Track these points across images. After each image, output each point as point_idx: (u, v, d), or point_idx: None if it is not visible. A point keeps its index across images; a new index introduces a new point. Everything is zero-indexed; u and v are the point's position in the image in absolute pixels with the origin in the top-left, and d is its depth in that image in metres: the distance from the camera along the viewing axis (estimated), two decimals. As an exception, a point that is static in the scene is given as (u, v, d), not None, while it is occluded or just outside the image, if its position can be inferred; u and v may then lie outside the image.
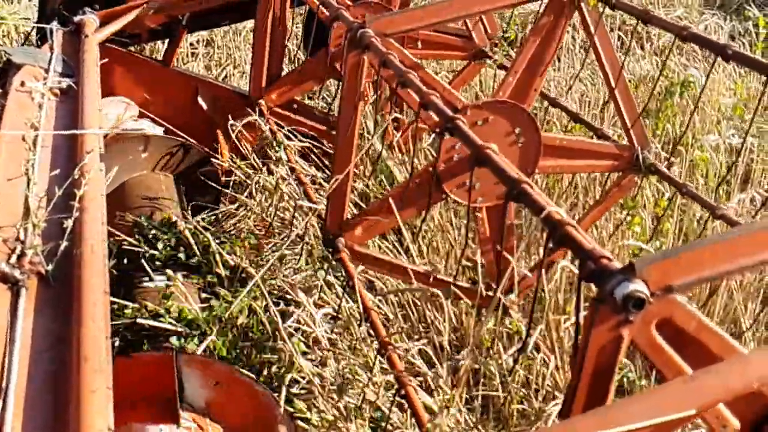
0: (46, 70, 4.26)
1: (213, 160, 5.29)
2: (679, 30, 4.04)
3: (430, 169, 4.06)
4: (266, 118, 5.41)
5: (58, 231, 2.85)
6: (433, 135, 5.03)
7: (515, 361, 3.83)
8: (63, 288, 2.68)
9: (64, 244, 2.78)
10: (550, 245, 2.45)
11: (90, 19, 5.08)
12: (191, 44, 8.50)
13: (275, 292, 4.25)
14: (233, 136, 5.26)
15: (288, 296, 4.15)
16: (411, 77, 3.71)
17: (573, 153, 4.18)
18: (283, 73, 5.74)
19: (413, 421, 3.33)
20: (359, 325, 3.88)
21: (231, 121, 5.27)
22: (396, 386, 3.26)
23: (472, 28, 5.66)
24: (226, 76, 8.06)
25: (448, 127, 3.37)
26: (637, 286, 1.99)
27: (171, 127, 5.37)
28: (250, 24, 6.83)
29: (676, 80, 6.51)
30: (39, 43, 5.24)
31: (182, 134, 5.30)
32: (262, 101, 5.53)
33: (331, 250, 4.00)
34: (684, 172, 5.84)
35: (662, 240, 4.92)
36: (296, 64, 7.41)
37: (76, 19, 5.06)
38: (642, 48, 7.97)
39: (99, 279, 2.66)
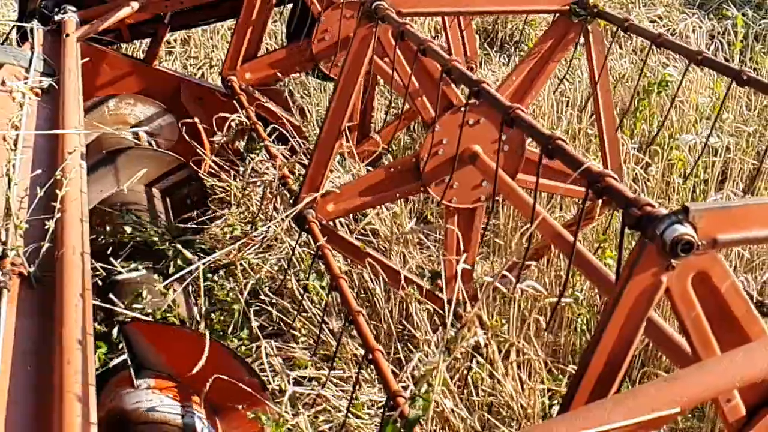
0: (27, 70, 4.26)
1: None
2: (654, 37, 4.10)
3: (413, 159, 4.08)
4: (237, 94, 5.40)
5: (39, 232, 2.85)
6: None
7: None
8: (45, 289, 2.69)
9: (46, 245, 2.78)
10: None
11: (71, 18, 5.07)
12: (168, 42, 8.45)
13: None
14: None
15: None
16: (431, 45, 3.73)
17: (553, 173, 4.19)
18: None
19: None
20: (328, 294, 3.86)
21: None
22: (365, 353, 3.22)
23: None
24: (202, 75, 8.04)
25: (474, 91, 3.37)
26: (688, 230, 2.00)
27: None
28: (228, 23, 6.85)
29: (653, 80, 6.57)
30: (19, 42, 5.23)
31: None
32: (234, 77, 5.52)
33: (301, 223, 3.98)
34: (661, 171, 5.88)
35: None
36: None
37: (57, 18, 5.05)
38: (621, 47, 8.01)
39: (81, 280, 2.66)
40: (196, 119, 5.36)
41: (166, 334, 3.18)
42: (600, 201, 4.23)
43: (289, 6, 6.15)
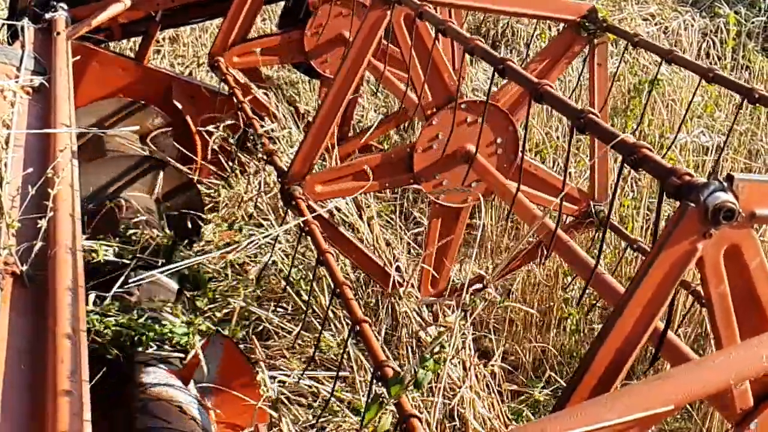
0: (18, 68, 4.23)
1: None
2: (666, 53, 4.09)
3: (407, 150, 4.08)
4: (224, 74, 5.36)
5: (32, 231, 2.83)
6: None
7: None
8: (38, 288, 2.68)
9: (38, 243, 2.76)
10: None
11: (61, 16, 5.04)
12: (156, 41, 8.42)
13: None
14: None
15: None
16: (451, 25, 3.71)
17: (536, 181, 4.18)
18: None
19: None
20: (315, 270, 3.86)
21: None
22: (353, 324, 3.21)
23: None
24: (190, 74, 8.01)
25: (499, 68, 3.38)
26: (731, 198, 2.02)
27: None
28: (217, 22, 6.82)
29: (644, 79, 6.57)
30: (10, 40, 5.20)
31: None
32: (221, 59, 5.50)
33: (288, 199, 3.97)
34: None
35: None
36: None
37: (48, 16, 5.03)
38: (615, 44, 8.02)
39: (74, 279, 2.65)
40: (188, 117, 5.35)
41: None
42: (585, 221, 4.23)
43: None
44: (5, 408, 2.25)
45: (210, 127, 5.15)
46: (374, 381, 2.87)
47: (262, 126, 4.81)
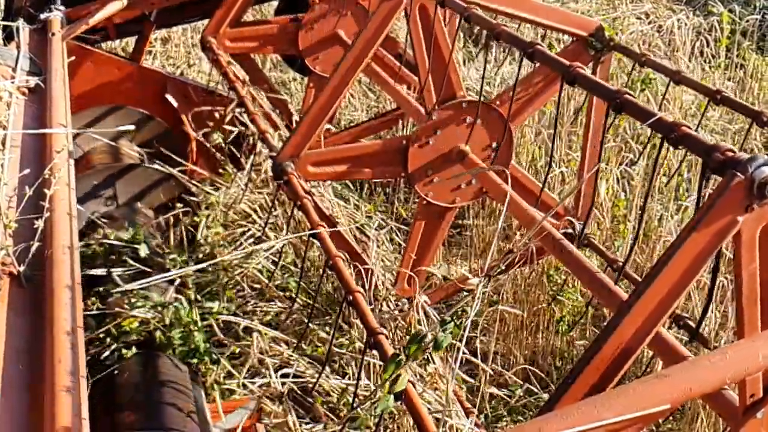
0: (14, 69, 4.24)
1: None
2: (673, 74, 4.10)
3: (403, 142, 4.09)
4: (215, 55, 5.35)
5: (29, 231, 2.84)
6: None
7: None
8: (36, 288, 2.69)
9: (35, 244, 2.77)
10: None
11: (56, 16, 5.04)
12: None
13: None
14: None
15: None
16: (476, 11, 3.73)
17: (524, 191, 4.17)
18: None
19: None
20: (307, 245, 3.85)
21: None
22: (346, 294, 3.21)
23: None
24: (181, 74, 8.02)
25: (528, 52, 3.41)
26: None
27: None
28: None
29: (637, 78, 6.58)
30: (5, 41, 5.20)
31: None
32: (213, 41, 5.48)
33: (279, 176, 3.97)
34: (642, 169, 5.90)
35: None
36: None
37: (43, 16, 5.03)
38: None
39: (70, 279, 2.67)
40: (183, 116, 5.36)
41: None
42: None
43: None
44: (4, 407, 2.26)
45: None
46: (367, 348, 2.89)
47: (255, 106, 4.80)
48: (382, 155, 4.08)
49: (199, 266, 3.95)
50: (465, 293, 4.19)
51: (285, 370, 3.64)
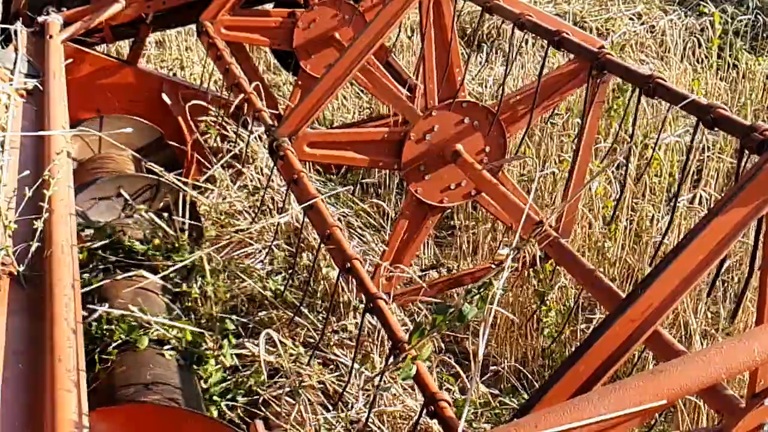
0: (12, 72, 4.27)
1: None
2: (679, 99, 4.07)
3: (401, 134, 4.11)
4: (211, 38, 5.35)
5: (28, 232, 2.87)
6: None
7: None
8: (35, 288, 2.72)
9: (35, 244, 2.81)
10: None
11: (54, 19, 5.08)
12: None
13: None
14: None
15: None
16: (498, 3, 3.77)
17: (506, 202, 4.09)
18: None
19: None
20: (304, 218, 3.82)
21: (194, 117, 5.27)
22: (344, 262, 3.20)
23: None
24: (174, 76, 8.01)
25: (554, 40, 3.46)
26: None
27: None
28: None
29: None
30: (3, 44, 5.23)
31: None
32: (210, 25, 5.48)
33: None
34: (635, 170, 5.92)
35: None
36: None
37: (40, 19, 5.07)
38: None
39: (70, 279, 2.69)
40: (179, 118, 5.38)
41: None
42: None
43: None
44: (4, 407, 2.28)
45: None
46: (366, 313, 2.91)
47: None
48: (381, 144, 4.08)
49: (193, 256, 3.95)
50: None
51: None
